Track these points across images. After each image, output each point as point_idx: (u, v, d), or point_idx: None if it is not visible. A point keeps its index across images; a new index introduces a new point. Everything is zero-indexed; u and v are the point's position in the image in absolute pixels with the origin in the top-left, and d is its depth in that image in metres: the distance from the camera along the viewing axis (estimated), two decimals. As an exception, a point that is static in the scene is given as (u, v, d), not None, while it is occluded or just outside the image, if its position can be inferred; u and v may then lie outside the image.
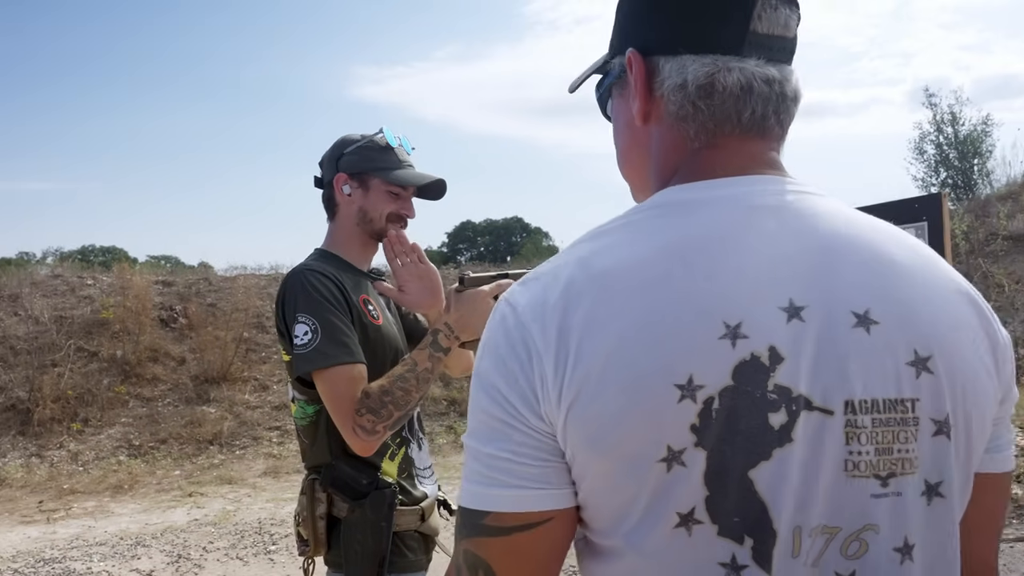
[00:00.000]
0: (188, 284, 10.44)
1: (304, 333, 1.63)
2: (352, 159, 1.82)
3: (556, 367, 0.66)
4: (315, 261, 1.80)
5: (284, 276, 1.76)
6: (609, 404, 0.65)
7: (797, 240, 0.70)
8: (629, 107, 0.80)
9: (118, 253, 31.31)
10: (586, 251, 0.72)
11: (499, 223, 50.34)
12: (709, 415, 0.65)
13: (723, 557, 0.66)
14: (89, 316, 9.23)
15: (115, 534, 5.51)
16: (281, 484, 6.85)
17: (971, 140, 14.05)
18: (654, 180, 0.80)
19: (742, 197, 0.72)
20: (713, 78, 0.73)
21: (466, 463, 0.73)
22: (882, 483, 0.67)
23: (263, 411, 8.48)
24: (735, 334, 0.65)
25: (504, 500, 0.69)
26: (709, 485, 0.65)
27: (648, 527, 0.66)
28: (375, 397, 1.61)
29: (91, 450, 7.55)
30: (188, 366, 8.96)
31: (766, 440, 0.65)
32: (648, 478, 0.65)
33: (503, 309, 0.72)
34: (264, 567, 4.67)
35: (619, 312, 0.66)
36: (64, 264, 11.80)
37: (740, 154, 0.75)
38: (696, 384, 0.65)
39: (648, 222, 0.73)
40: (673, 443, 0.65)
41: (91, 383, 8.37)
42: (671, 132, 0.77)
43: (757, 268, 0.68)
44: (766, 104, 0.74)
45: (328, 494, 1.71)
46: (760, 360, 0.65)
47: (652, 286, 0.67)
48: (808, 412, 0.66)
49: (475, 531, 0.71)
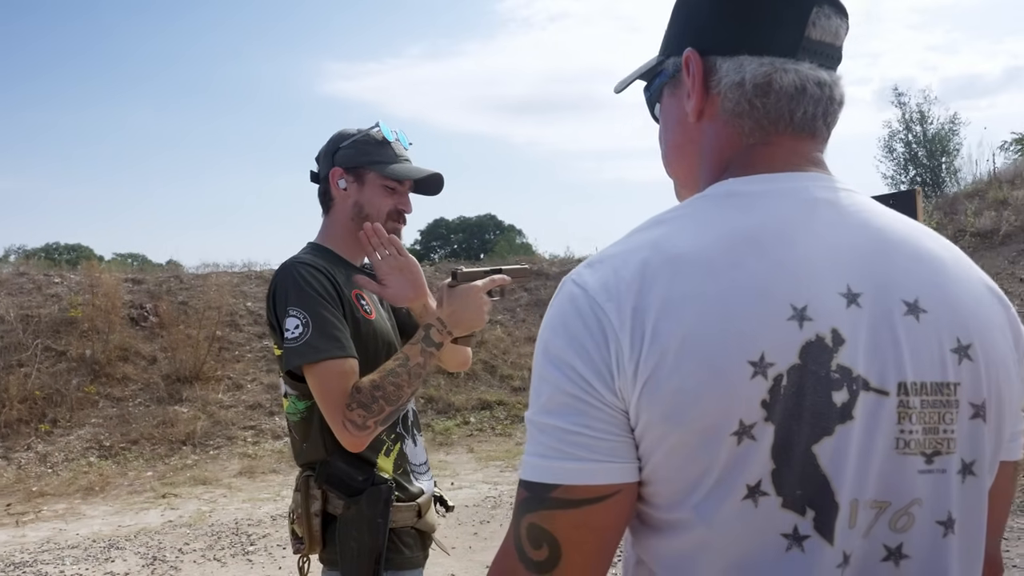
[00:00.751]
0: (159, 282, 10.26)
1: (295, 327, 1.60)
2: (348, 153, 1.79)
3: (632, 344, 0.69)
4: (307, 254, 1.76)
5: (275, 269, 1.72)
6: (687, 379, 0.68)
7: (852, 232, 0.75)
8: (682, 105, 0.85)
9: (84, 251, 30.77)
10: (657, 235, 0.75)
11: (472, 220, 50.30)
12: (778, 391, 0.68)
13: (785, 528, 0.70)
14: (57, 315, 9.02)
15: (87, 537, 5.40)
16: (257, 484, 6.76)
17: (939, 138, 14.32)
18: (705, 174, 0.84)
19: (801, 190, 0.77)
20: (770, 77, 0.78)
21: (532, 438, 0.75)
22: (927, 460, 0.72)
23: (237, 410, 8.36)
24: (802, 316, 0.70)
25: (576, 473, 0.71)
26: (776, 458, 0.69)
27: (718, 499, 0.69)
28: (366, 392, 1.58)
29: (60, 451, 7.38)
30: (159, 365, 8.80)
31: (830, 417, 0.69)
32: (720, 451, 0.69)
33: (571, 289, 0.75)
34: (243, 568, 4.60)
35: (695, 293, 0.70)
36: (29, 262, 11.53)
37: (792, 152, 0.80)
38: (767, 362, 0.68)
39: (713, 210, 0.77)
40: (745, 417, 0.68)
41: (59, 383, 8.19)
42: (725, 128, 0.81)
43: (818, 256, 0.72)
44: (816, 105, 0.79)
45: (323, 491, 1.68)
46: (824, 341, 0.70)
47: (726, 270, 0.71)
48: (866, 392, 0.70)
49: (541, 504, 0.73)
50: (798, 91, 0.78)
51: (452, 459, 7.33)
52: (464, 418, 8.66)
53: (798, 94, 0.78)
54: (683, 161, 0.88)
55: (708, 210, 0.77)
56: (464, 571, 4.35)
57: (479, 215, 50.65)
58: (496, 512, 5.57)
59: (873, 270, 0.73)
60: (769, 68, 0.78)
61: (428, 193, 1.89)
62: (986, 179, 12.03)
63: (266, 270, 11.20)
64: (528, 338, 10.37)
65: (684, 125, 0.85)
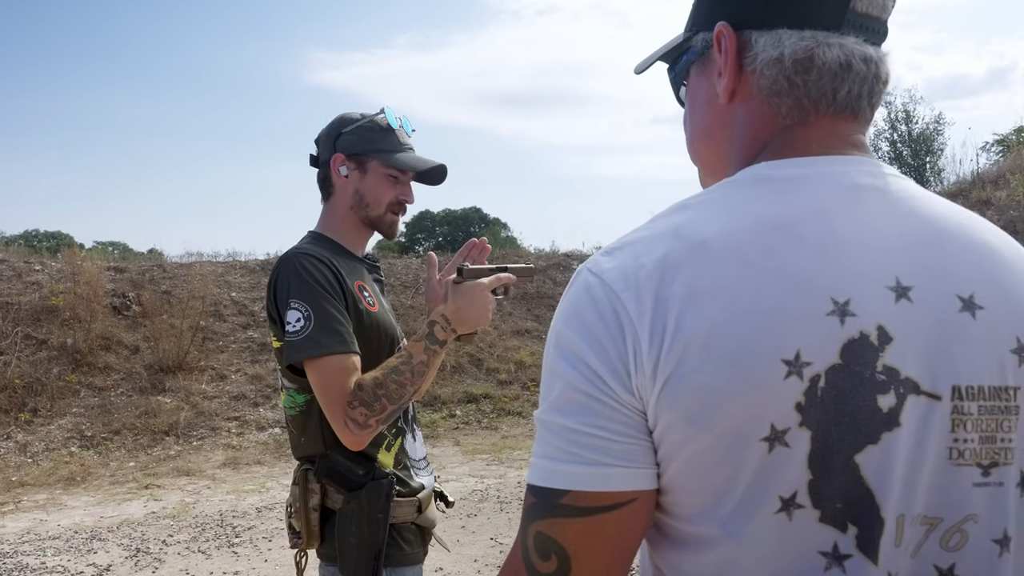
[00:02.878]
0: (141, 271, 10.13)
1: (296, 320, 1.57)
2: (351, 139, 1.75)
3: (652, 339, 0.64)
4: (309, 244, 1.72)
5: (277, 259, 1.68)
6: (712, 378, 0.62)
7: (900, 220, 0.69)
8: (712, 84, 0.78)
9: (64, 239, 30.34)
10: (680, 221, 0.69)
11: (458, 213, 50.10)
12: (815, 394, 0.62)
13: (824, 545, 0.64)
14: (37, 303, 8.89)
15: (69, 527, 5.32)
16: (241, 476, 6.70)
17: (924, 138, 14.44)
18: (737, 159, 0.77)
19: (842, 175, 0.70)
20: (812, 53, 0.71)
21: (541, 439, 0.69)
22: (984, 472, 0.65)
23: (221, 401, 8.28)
24: (843, 311, 0.63)
25: (588, 478, 0.65)
26: (813, 468, 0.63)
27: (747, 512, 0.63)
28: (368, 390, 1.55)
29: (41, 441, 7.27)
30: (142, 355, 8.70)
31: (874, 423, 0.63)
32: (749, 458, 0.63)
33: (587, 277, 0.69)
34: (228, 560, 4.55)
35: (723, 284, 0.64)
36: (9, 248, 11.34)
37: (831, 133, 0.73)
38: (803, 360, 0.62)
39: (742, 195, 0.70)
40: (777, 422, 0.62)
41: (40, 372, 8.07)
42: (761, 108, 0.75)
43: (863, 245, 0.66)
44: (862, 84, 0.72)
45: (322, 485, 1.65)
46: (869, 339, 0.63)
47: (758, 259, 0.65)
48: (916, 396, 0.64)
49: (550, 511, 0.67)
50: (842, 68, 0.71)
51: (438, 452, 7.30)
52: (450, 411, 8.64)
53: (842, 71, 0.71)
54: (711, 145, 0.81)
55: (737, 195, 0.71)
56: (452, 564, 4.33)
57: (464, 208, 50.48)
58: (483, 505, 5.56)
59: (925, 262, 0.67)
60: (811, 43, 0.71)
61: (431, 184, 1.85)
62: (969, 179, 12.13)
63: (251, 260, 11.09)
64: (515, 331, 10.35)
65: (714, 106, 0.78)
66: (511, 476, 6.42)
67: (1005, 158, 13.62)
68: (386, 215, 1.76)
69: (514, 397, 9.05)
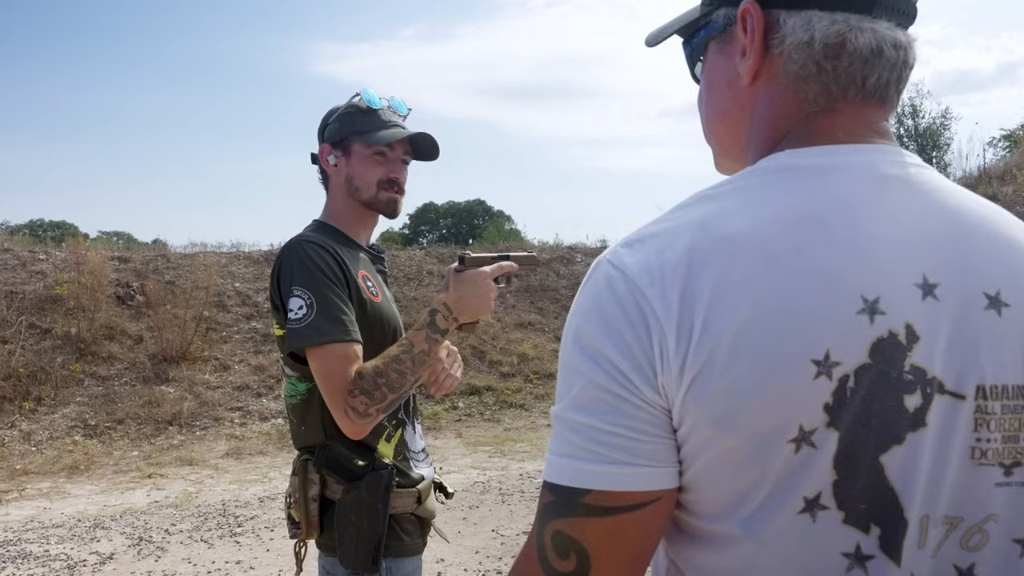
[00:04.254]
0: (145, 261, 10.15)
1: (299, 308, 1.56)
2: (333, 128, 1.75)
3: (679, 337, 0.62)
4: (313, 232, 1.72)
5: (281, 247, 1.68)
6: (741, 378, 0.61)
7: (927, 214, 0.67)
8: (733, 64, 0.75)
9: (69, 228, 30.40)
10: (705, 213, 0.66)
11: (461, 205, 50.07)
12: (844, 394, 0.61)
13: (846, 547, 0.63)
14: (42, 292, 8.91)
15: (72, 516, 5.35)
16: (244, 466, 6.72)
17: (930, 133, 14.37)
18: (756, 144, 0.75)
19: (867, 165, 0.68)
20: (844, 38, 0.69)
21: (559, 436, 0.67)
22: (1006, 472, 0.65)
23: (224, 391, 8.30)
24: (873, 309, 0.62)
25: (610, 478, 0.64)
26: (838, 469, 0.62)
27: (770, 512, 0.63)
28: (369, 378, 1.55)
29: (44, 430, 7.30)
30: (146, 344, 8.72)
31: (900, 423, 0.62)
32: (775, 459, 0.62)
33: (608, 271, 0.67)
34: (230, 550, 4.57)
35: (752, 280, 0.62)
36: (14, 238, 11.36)
37: (856, 120, 0.71)
38: (833, 360, 0.61)
39: (767, 186, 0.68)
40: (805, 422, 0.61)
41: (44, 361, 8.09)
42: (785, 93, 0.72)
43: (892, 241, 0.65)
44: (892, 70, 0.70)
45: (322, 475, 1.64)
46: (897, 338, 0.62)
47: (788, 255, 0.63)
48: (941, 396, 0.63)
49: (570, 510, 0.65)
50: (874, 54, 0.69)
51: (440, 444, 7.32)
52: (453, 403, 8.65)
53: (873, 57, 0.69)
54: (729, 128, 0.78)
55: (762, 186, 0.68)
56: (453, 556, 4.34)
57: (468, 200, 50.45)
58: (485, 497, 5.57)
59: (951, 258, 0.65)
60: (843, 27, 0.68)
61: (426, 158, 1.83)
62: (976, 175, 12.08)
63: (255, 251, 11.11)
64: (518, 324, 10.35)
65: (734, 88, 0.75)
66: (513, 468, 6.43)
67: (1012, 153, 13.56)
68: (379, 194, 1.74)
69: (517, 390, 9.05)
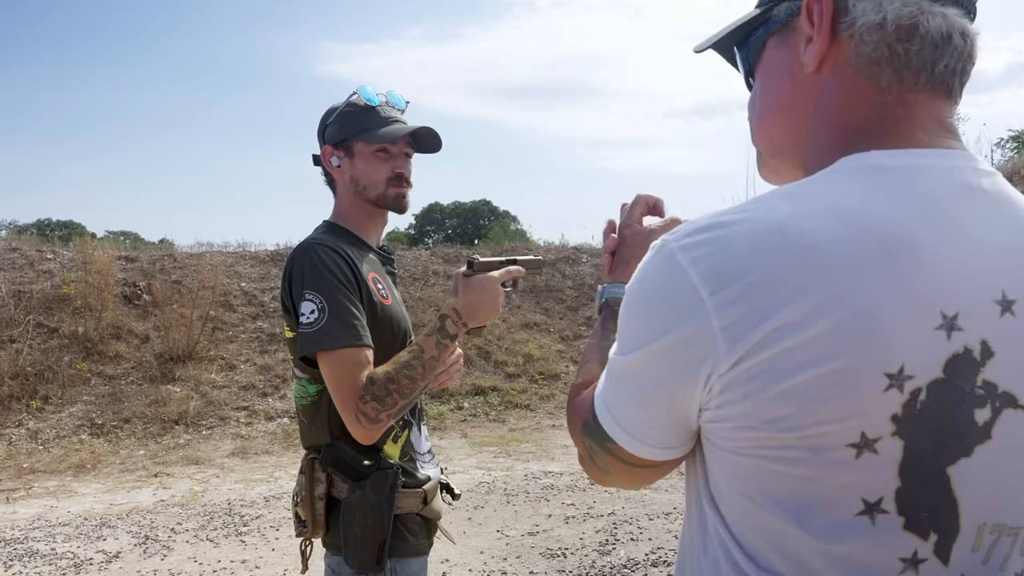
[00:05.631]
0: (152, 260, 10.18)
1: (311, 311, 1.56)
2: (333, 129, 1.75)
3: (737, 341, 0.61)
4: (324, 234, 1.71)
5: (292, 249, 1.68)
6: (806, 386, 0.60)
7: (1006, 228, 0.67)
8: (796, 55, 0.74)
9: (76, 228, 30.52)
10: (784, 213, 0.64)
11: (467, 206, 50.09)
12: (914, 406, 0.61)
13: (905, 552, 0.64)
14: (49, 291, 8.95)
15: (79, 515, 5.37)
16: (250, 465, 6.73)
17: (937, 134, 14.28)
18: (823, 136, 0.73)
19: (955, 172, 0.68)
20: (916, 20, 0.68)
21: (610, 385, 0.75)
22: None
23: (230, 391, 8.32)
24: (951, 325, 0.62)
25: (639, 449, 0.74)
26: (903, 476, 0.62)
27: (823, 509, 0.63)
28: (380, 384, 1.55)
29: (52, 428, 7.33)
30: (152, 344, 8.75)
31: (969, 436, 0.63)
32: (831, 461, 0.62)
33: (665, 263, 0.66)
34: (236, 549, 4.58)
35: (831, 290, 0.60)
36: (21, 237, 11.42)
37: (931, 116, 0.70)
38: (907, 374, 0.61)
39: (854, 188, 0.66)
40: (869, 431, 0.61)
41: (51, 360, 8.13)
42: (856, 79, 0.70)
43: (973, 256, 0.64)
44: (959, 59, 0.70)
45: (328, 474, 1.65)
46: (972, 354, 0.63)
47: (871, 267, 0.61)
48: (1010, 410, 0.64)
49: (602, 444, 0.77)
50: (944, 39, 0.68)
51: (446, 444, 7.32)
52: (458, 403, 8.65)
53: (943, 43, 0.68)
54: (787, 122, 0.76)
55: (848, 188, 0.66)
56: (458, 556, 4.34)
57: (474, 200, 50.47)
58: (489, 497, 5.57)
59: None
60: (915, 9, 0.68)
61: (428, 151, 1.82)
62: (983, 176, 12.01)
63: (261, 250, 11.13)
64: (523, 325, 10.35)
65: (796, 78, 0.74)
66: (518, 469, 6.43)
67: (1020, 154, 13.50)
68: (387, 191, 1.74)
69: (522, 390, 9.05)
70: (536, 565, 4.20)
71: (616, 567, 4.12)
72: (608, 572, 4.06)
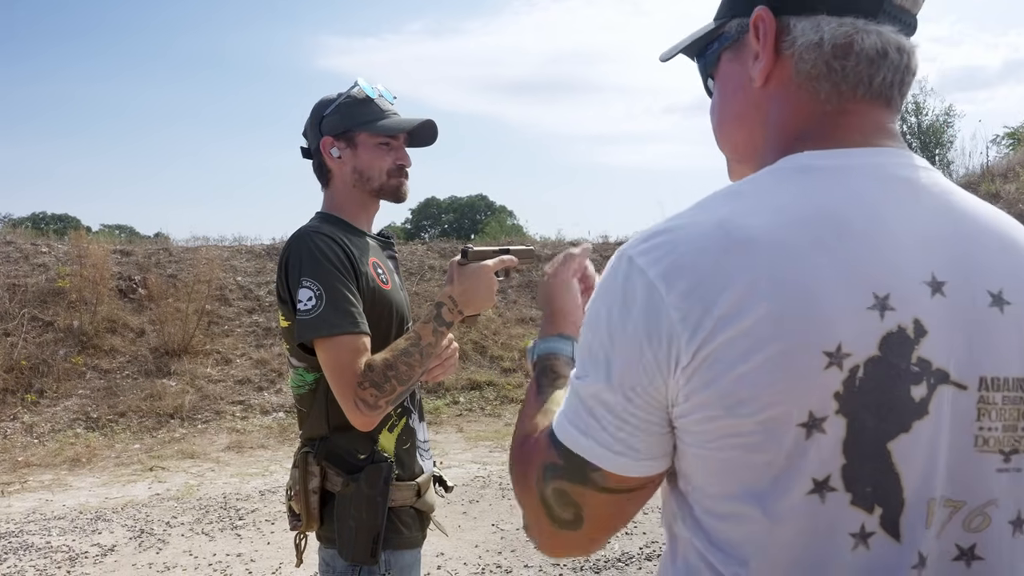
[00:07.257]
0: (147, 254, 10.17)
1: (308, 299, 1.57)
2: (334, 120, 1.74)
3: (695, 331, 0.66)
4: (321, 223, 1.72)
5: (288, 238, 1.68)
6: (756, 369, 0.64)
7: (935, 215, 0.72)
8: (746, 69, 0.80)
9: (71, 221, 30.43)
10: (726, 213, 0.70)
11: (464, 201, 50.09)
12: (853, 383, 0.65)
13: (853, 526, 0.67)
14: (44, 285, 8.93)
15: (74, 508, 5.37)
16: (245, 459, 6.74)
17: (934, 130, 14.35)
18: (771, 145, 0.79)
19: (882, 167, 0.73)
20: (852, 39, 0.74)
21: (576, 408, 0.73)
22: (1005, 459, 0.70)
23: (226, 385, 8.32)
24: (884, 305, 0.66)
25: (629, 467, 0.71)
26: (847, 453, 0.66)
27: (780, 491, 0.66)
28: (379, 371, 1.56)
29: (47, 422, 7.33)
30: (148, 338, 8.74)
31: (907, 412, 0.66)
32: (785, 442, 0.65)
33: (626, 269, 0.70)
34: (231, 542, 4.59)
35: (771, 277, 0.65)
36: (16, 231, 11.39)
37: (868, 121, 0.76)
38: (844, 352, 0.65)
39: (790, 184, 0.72)
40: (816, 409, 0.65)
41: (46, 353, 8.12)
42: (798, 93, 0.77)
43: (903, 240, 0.69)
44: (895, 72, 0.75)
45: (322, 467, 1.65)
46: (906, 332, 0.66)
47: (807, 253, 0.66)
48: (944, 386, 0.67)
49: (579, 478, 0.73)
50: (879, 55, 0.74)
51: (441, 438, 7.33)
52: (454, 398, 8.66)
53: (879, 58, 0.74)
54: (743, 131, 0.83)
55: (783, 185, 0.72)
56: (453, 550, 4.35)
57: (470, 195, 50.47)
58: (485, 492, 5.58)
59: (958, 257, 0.70)
60: (850, 29, 0.74)
61: (423, 144, 1.84)
62: (979, 172, 12.07)
63: (257, 244, 11.12)
64: (518, 319, 10.36)
65: (747, 91, 0.80)
66: (513, 463, 6.44)
67: (1015, 151, 13.53)
68: (389, 182, 1.76)
69: (517, 385, 9.06)
70: (531, 559, 4.21)
71: (610, 560, 4.14)
72: (602, 566, 4.07)
